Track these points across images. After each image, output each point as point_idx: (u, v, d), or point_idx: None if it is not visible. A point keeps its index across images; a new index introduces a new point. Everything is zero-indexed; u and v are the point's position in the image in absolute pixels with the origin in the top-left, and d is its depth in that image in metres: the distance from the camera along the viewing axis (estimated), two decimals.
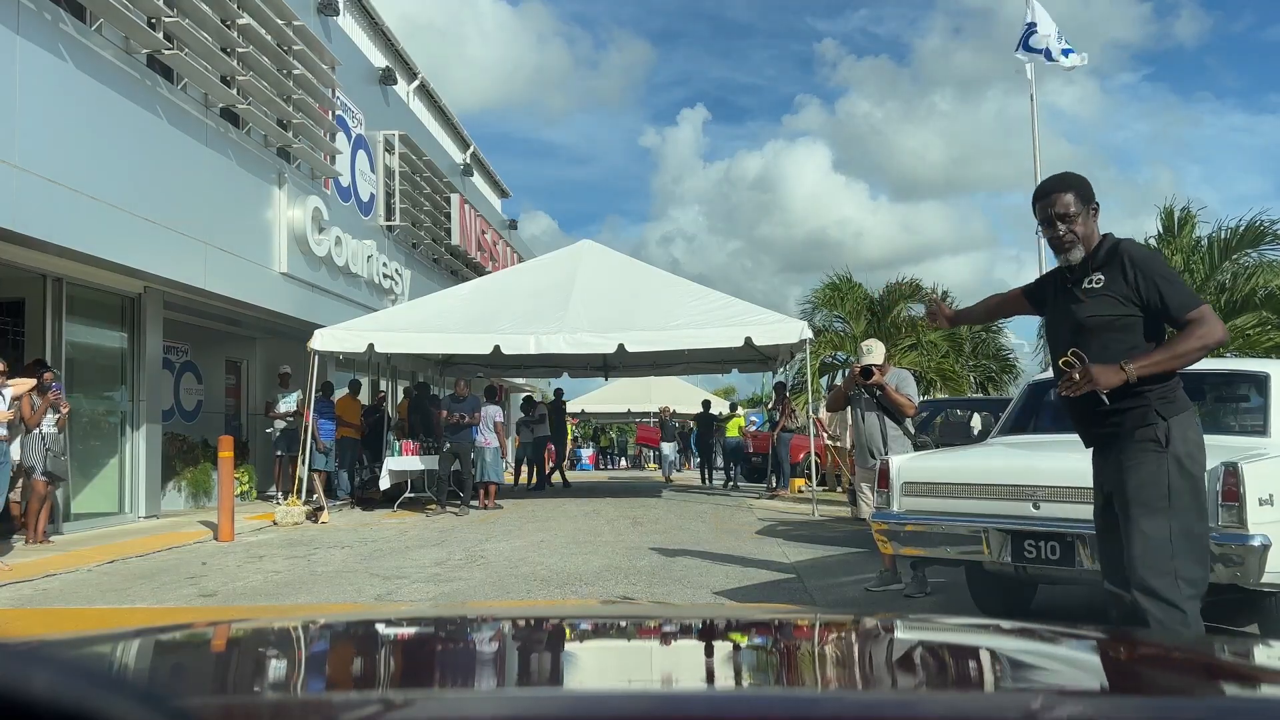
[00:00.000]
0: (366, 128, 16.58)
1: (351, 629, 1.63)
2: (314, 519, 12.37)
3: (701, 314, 13.11)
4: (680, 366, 18.60)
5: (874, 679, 1.28)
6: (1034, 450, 5.27)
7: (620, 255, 15.71)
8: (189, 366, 15.51)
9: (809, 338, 12.64)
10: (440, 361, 17.99)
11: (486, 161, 30.48)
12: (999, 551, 4.78)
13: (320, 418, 14.14)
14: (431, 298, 15.01)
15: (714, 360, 18.45)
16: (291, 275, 13.25)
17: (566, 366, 18.77)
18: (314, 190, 13.81)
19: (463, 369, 18.18)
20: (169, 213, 10.37)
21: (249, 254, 12.16)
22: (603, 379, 19.65)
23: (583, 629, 1.67)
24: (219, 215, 11.42)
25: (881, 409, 6.70)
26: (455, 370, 18.23)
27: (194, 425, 15.29)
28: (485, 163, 30.22)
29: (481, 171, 29.38)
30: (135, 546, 9.71)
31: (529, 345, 12.82)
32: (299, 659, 1.40)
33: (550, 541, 9.86)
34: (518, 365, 18.79)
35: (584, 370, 19.11)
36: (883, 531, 5.27)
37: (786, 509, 13.72)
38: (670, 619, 1.82)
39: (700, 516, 12.48)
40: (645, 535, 10.47)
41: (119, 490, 11.65)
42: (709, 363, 18.62)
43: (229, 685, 1.20)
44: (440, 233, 20.14)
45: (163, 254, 10.36)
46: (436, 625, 1.71)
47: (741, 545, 9.52)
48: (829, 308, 14.72)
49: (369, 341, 12.90)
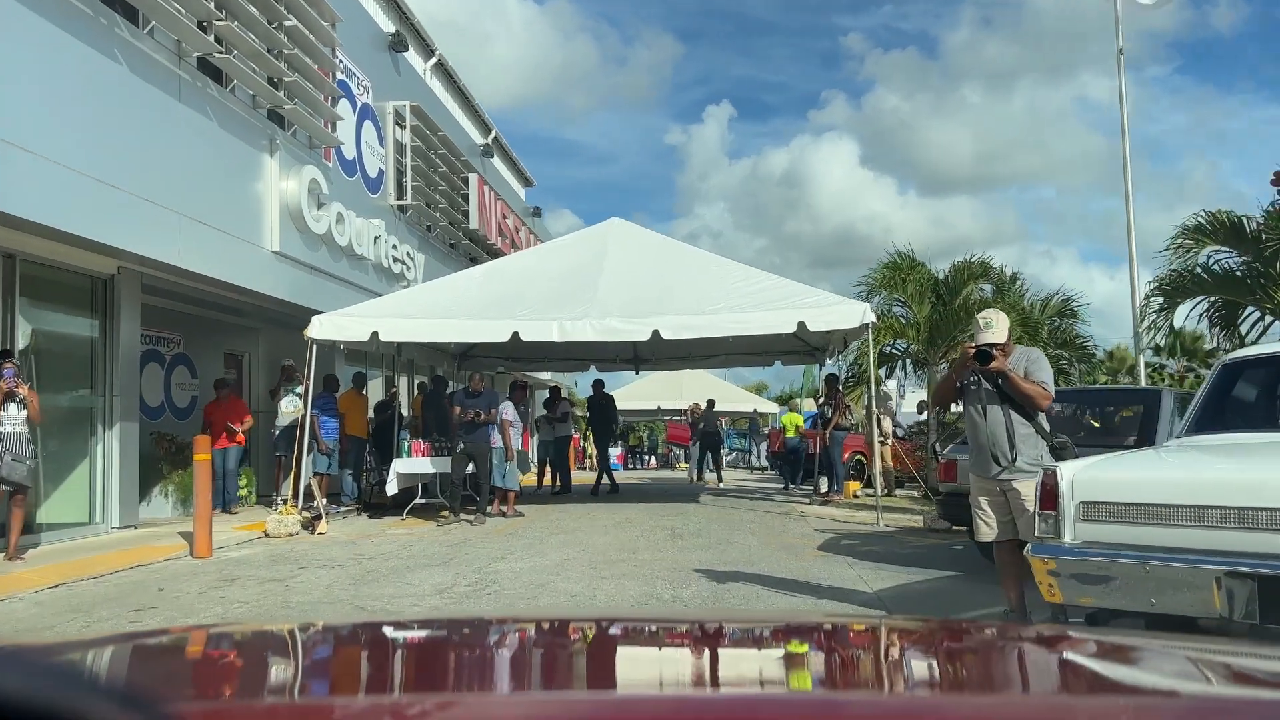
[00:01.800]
0: (375, 98, 15.14)
1: (348, 635, 1.67)
2: (310, 529, 10.97)
3: (747, 296, 11.54)
4: (719, 358, 17.05)
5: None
6: (1270, 456, 3.67)
7: (653, 233, 14.20)
8: (182, 359, 14.11)
9: (871, 321, 11.04)
10: (457, 354, 16.54)
11: (509, 147, 28.89)
12: (1240, 604, 3.21)
13: (323, 415, 12.75)
14: (443, 281, 13.55)
15: (756, 351, 16.89)
16: (285, 254, 11.80)
17: (594, 358, 17.24)
18: (311, 160, 12.37)
19: (482, 362, 16.72)
20: (133, 178, 8.95)
21: (234, 228, 10.72)
22: (633, 372, 18.09)
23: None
24: (197, 183, 9.99)
25: (1006, 401, 5.10)
26: (474, 364, 16.78)
27: (187, 424, 13.88)
28: (508, 148, 28.61)
29: (503, 157, 27.80)
30: (94, 565, 8.31)
31: (551, 332, 11.32)
32: (288, 664, 1.40)
33: (576, 560, 8.35)
34: (541, 358, 17.29)
35: (612, 362, 17.57)
36: (1053, 572, 3.68)
37: (844, 517, 12.14)
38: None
39: (747, 527, 10.92)
40: (687, 551, 8.94)
41: (89, 498, 10.27)
42: (750, 354, 17.04)
43: (215, 690, 1.21)
44: (457, 215, 18.68)
45: (127, 225, 8.93)
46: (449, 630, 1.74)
47: (805, 566, 7.96)
48: (888, 290, 13.03)
49: (372, 329, 11.45)
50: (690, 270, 12.58)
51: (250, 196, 11.14)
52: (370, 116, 14.92)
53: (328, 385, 12.80)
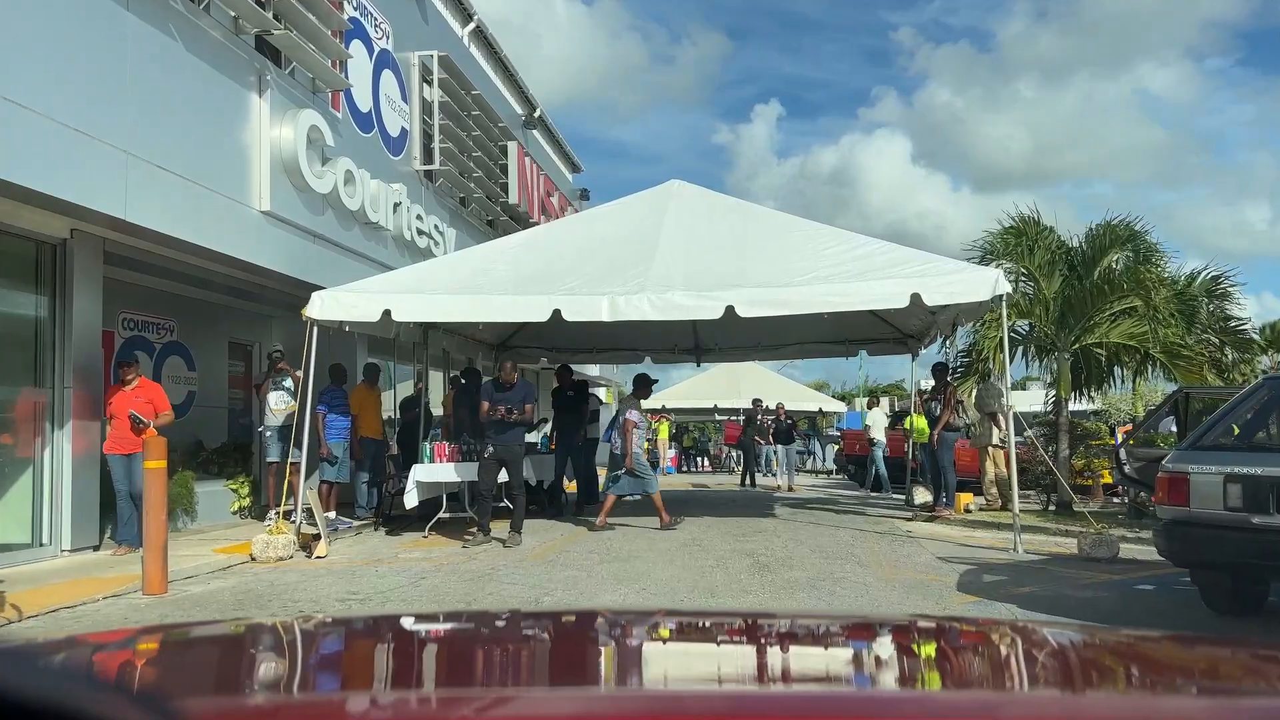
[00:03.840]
0: (396, 47, 13.08)
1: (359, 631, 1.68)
2: (308, 551, 8.93)
3: (843, 265, 9.25)
4: (793, 346, 14.72)
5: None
6: None
7: (722, 195, 11.95)
8: (176, 349, 12.13)
9: (1005, 292, 8.66)
10: (495, 344, 14.44)
11: (555, 129, 26.65)
12: None
13: (330, 412, 10.73)
14: (473, 251, 11.42)
15: (836, 340, 14.56)
16: (277, 215, 9.73)
17: (648, 348, 15.04)
18: (313, 105, 10.30)
19: (522, 353, 14.62)
20: (58, 102, 6.93)
21: (210, 180, 8.66)
22: (693, 364, 15.82)
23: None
24: (156, 119, 7.95)
25: None
26: (513, 355, 14.68)
27: (181, 423, 11.94)
28: (554, 129, 26.39)
29: (548, 137, 25.62)
30: (16, 605, 6.30)
31: (600, 310, 9.14)
32: (296, 662, 1.38)
33: (636, 604, 6.16)
34: (589, 347, 15.14)
35: (670, 353, 15.34)
36: None
37: (963, 538, 9.80)
38: None
39: (850, 553, 8.62)
40: (783, 591, 6.71)
41: (32, 515, 8.31)
42: (828, 342, 14.72)
43: (224, 687, 1.19)
44: (495, 188, 16.57)
45: (47, 161, 6.88)
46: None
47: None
48: (1013, 259, 10.56)
49: (385, 307, 9.37)
50: (770, 236, 10.32)
51: (232, 143, 9.08)
52: (391, 65, 12.85)
53: (335, 377, 10.77)
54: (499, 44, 20.68)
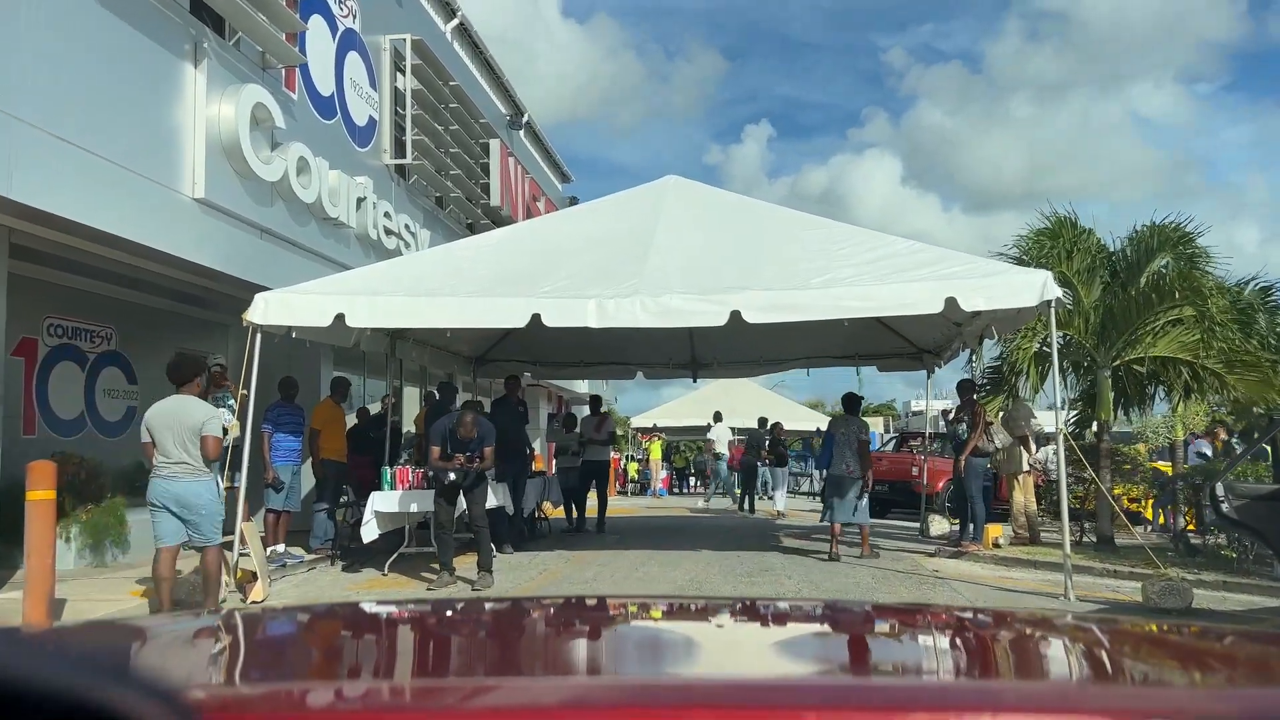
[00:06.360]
0: (365, 29, 11.88)
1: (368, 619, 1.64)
2: (243, 594, 7.66)
3: (866, 266, 8.04)
4: (799, 360, 13.49)
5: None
6: None
7: (722, 191, 10.76)
8: (113, 359, 10.84)
9: (1055, 296, 7.45)
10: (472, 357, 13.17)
11: (544, 136, 25.45)
12: None
13: (278, 432, 9.44)
14: (443, 249, 10.19)
15: (844, 353, 13.37)
16: (214, 204, 8.46)
17: (641, 361, 13.79)
18: (260, 81, 9.06)
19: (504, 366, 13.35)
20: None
21: (128, 159, 7.40)
22: (689, 378, 14.57)
23: None
24: (55, 81, 6.70)
25: None
26: (492, 369, 13.42)
27: (118, 442, 10.64)
28: (542, 136, 25.22)
29: (536, 143, 24.45)
30: None
31: (587, 314, 7.91)
32: (305, 650, 1.39)
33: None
34: (575, 361, 13.88)
35: (663, 367, 14.10)
36: None
37: (999, 579, 8.57)
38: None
39: (872, 598, 7.36)
40: None
41: None
42: (837, 357, 13.53)
43: (234, 676, 1.18)
44: (475, 188, 15.35)
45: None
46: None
47: None
48: (1049, 264, 9.30)
49: (338, 310, 8.12)
50: (780, 234, 9.13)
51: (157, 118, 7.82)
52: (359, 48, 11.64)
53: (284, 391, 9.50)
54: (484, 44, 19.45)
